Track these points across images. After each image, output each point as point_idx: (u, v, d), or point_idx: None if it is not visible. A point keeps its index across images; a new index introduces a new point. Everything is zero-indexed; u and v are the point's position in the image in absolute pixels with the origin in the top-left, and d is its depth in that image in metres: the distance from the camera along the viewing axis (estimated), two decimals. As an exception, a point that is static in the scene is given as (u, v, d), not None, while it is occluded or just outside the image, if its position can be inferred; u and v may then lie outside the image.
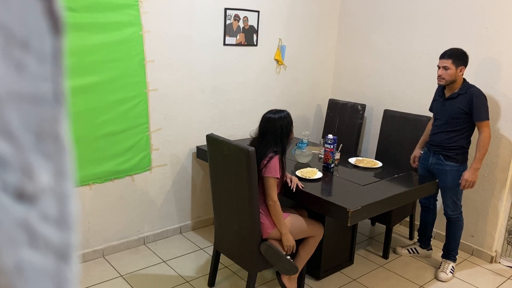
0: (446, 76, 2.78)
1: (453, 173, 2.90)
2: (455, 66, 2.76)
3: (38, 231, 0.25)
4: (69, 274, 0.27)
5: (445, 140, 2.90)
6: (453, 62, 2.75)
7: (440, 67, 2.81)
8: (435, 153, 2.97)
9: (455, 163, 2.89)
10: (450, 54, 2.77)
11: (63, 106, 0.26)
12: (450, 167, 2.90)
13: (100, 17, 2.70)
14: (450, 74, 2.77)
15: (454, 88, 2.85)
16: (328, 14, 4.10)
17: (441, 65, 2.80)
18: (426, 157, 3.07)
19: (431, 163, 3.01)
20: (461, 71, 2.79)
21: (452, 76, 2.77)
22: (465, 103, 2.79)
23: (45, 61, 0.25)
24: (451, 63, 2.76)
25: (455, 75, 2.78)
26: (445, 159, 2.92)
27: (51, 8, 0.25)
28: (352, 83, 4.15)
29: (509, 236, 3.29)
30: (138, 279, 2.84)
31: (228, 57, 3.46)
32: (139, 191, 3.18)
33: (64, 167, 0.27)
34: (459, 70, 2.77)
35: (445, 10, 3.38)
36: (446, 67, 2.78)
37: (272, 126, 2.48)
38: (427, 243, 3.31)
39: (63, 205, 0.26)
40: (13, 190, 0.24)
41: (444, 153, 2.92)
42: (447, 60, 2.77)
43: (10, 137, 0.24)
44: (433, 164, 2.99)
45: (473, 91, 2.78)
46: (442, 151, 2.93)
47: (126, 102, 2.94)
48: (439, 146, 2.94)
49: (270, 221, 2.44)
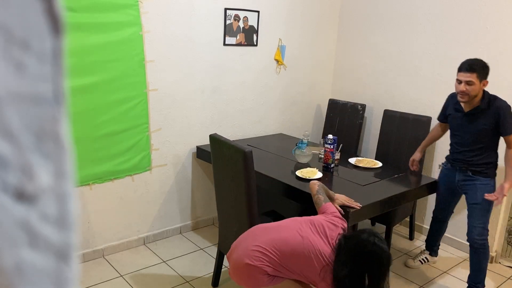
0: (471, 91, 2.44)
1: (484, 188, 2.61)
2: (479, 80, 2.43)
3: (38, 231, 0.25)
4: (69, 274, 0.27)
5: (471, 158, 2.64)
6: (478, 76, 2.41)
7: (461, 82, 2.45)
8: (462, 169, 2.70)
9: (485, 177, 2.63)
10: (474, 67, 2.42)
11: (63, 106, 0.26)
12: (480, 181, 2.63)
13: (100, 17, 2.70)
14: (475, 89, 2.43)
15: (475, 103, 2.53)
16: (328, 14, 4.10)
17: (464, 79, 2.43)
18: (451, 174, 2.79)
19: (458, 180, 2.74)
20: (484, 85, 2.48)
21: (476, 92, 2.45)
22: (491, 120, 2.50)
23: (45, 61, 0.25)
24: (476, 77, 2.41)
25: (479, 90, 2.46)
26: (474, 174, 2.65)
27: (51, 8, 0.25)
28: (352, 83, 4.15)
29: (509, 236, 3.29)
30: (138, 279, 2.84)
31: (228, 57, 3.46)
32: (139, 191, 3.18)
33: (64, 167, 0.27)
34: (482, 84, 2.46)
35: (445, 10, 3.38)
36: (470, 82, 2.42)
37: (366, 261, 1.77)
38: (436, 251, 3.22)
39: (63, 205, 0.26)
40: (13, 190, 0.24)
41: (472, 168, 2.65)
42: (472, 74, 2.41)
43: (10, 137, 0.24)
44: (460, 181, 2.73)
45: (498, 105, 2.49)
46: (470, 167, 2.66)
47: (126, 102, 2.94)
48: (465, 163, 2.68)
49: None
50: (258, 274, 1.90)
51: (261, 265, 1.89)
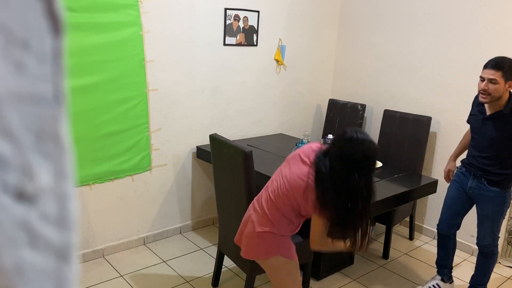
0: (493, 91, 2.20)
1: (497, 200, 2.42)
2: (504, 80, 2.18)
3: (38, 231, 0.25)
4: (69, 274, 0.27)
5: (488, 165, 2.41)
6: (503, 75, 2.17)
7: (484, 79, 2.22)
8: (476, 176, 2.48)
9: (501, 188, 2.41)
10: (500, 65, 2.17)
11: (63, 106, 0.26)
12: (495, 193, 2.41)
13: (100, 17, 2.70)
14: (498, 89, 2.19)
15: (499, 105, 2.28)
16: (328, 14, 4.10)
17: (487, 76, 2.20)
18: (464, 178, 2.56)
19: (470, 186, 2.52)
20: (510, 87, 2.22)
21: (499, 93, 2.20)
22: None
23: (45, 61, 0.25)
24: (501, 76, 2.17)
25: (503, 91, 2.21)
26: (489, 184, 2.42)
27: (51, 8, 0.25)
28: (352, 83, 4.15)
29: (509, 236, 3.28)
30: (138, 279, 2.84)
31: (228, 57, 3.46)
32: (139, 191, 3.18)
33: (64, 167, 0.27)
34: (508, 85, 2.20)
35: (445, 10, 3.38)
36: (493, 80, 2.18)
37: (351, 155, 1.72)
38: (449, 275, 2.83)
39: (63, 205, 0.26)
40: (13, 190, 0.24)
41: (488, 177, 2.42)
42: (496, 72, 2.17)
43: (10, 137, 0.24)
44: (473, 188, 2.51)
45: None
46: (485, 175, 2.43)
47: (126, 102, 2.94)
48: (480, 169, 2.45)
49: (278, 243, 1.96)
50: (272, 238, 1.93)
51: (269, 227, 1.92)
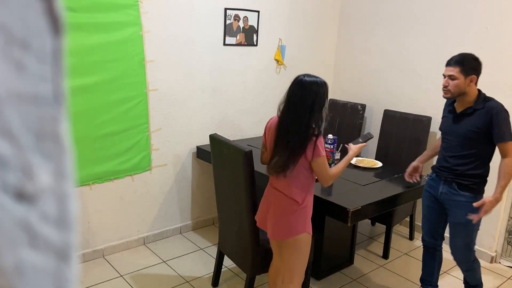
0: (452, 87, 2.26)
1: (469, 205, 2.30)
2: (463, 76, 2.24)
3: (38, 231, 0.25)
4: (69, 274, 0.27)
5: (458, 166, 2.34)
6: (461, 70, 2.24)
7: (445, 76, 2.30)
8: (447, 181, 2.40)
9: (471, 193, 2.32)
10: (458, 61, 2.26)
11: (63, 106, 0.26)
12: (465, 198, 2.33)
13: (100, 17, 2.70)
14: (458, 85, 2.25)
15: (468, 102, 2.31)
16: (329, 14, 4.10)
17: (447, 73, 2.29)
18: (435, 185, 2.49)
19: (441, 192, 2.44)
20: (472, 81, 2.26)
21: (459, 88, 2.26)
22: (482, 121, 2.24)
23: (45, 61, 0.25)
24: (459, 71, 2.24)
25: (464, 86, 2.26)
26: (460, 188, 2.35)
27: (51, 8, 0.25)
28: (352, 83, 4.15)
29: (509, 236, 3.29)
30: (138, 279, 2.84)
31: (228, 57, 3.46)
32: (139, 191, 3.18)
33: (64, 167, 0.27)
34: (469, 80, 2.25)
35: (445, 10, 3.38)
36: (452, 76, 2.26)
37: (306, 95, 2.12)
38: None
39: (63, 205, 0.26)
40: (13, 190, 0.24)
41: (458, 181, 2.35)
42: (454, 68, 2.25)
43: (10, 137, 0.24)
44: (443, 194, 2.43)
45: (493, 105, 2.25)
46: (456, 178, 2.36)
47: (126, 102, 2.94)
48: (451, 173, 2.37)
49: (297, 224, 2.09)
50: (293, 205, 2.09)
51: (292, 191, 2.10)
